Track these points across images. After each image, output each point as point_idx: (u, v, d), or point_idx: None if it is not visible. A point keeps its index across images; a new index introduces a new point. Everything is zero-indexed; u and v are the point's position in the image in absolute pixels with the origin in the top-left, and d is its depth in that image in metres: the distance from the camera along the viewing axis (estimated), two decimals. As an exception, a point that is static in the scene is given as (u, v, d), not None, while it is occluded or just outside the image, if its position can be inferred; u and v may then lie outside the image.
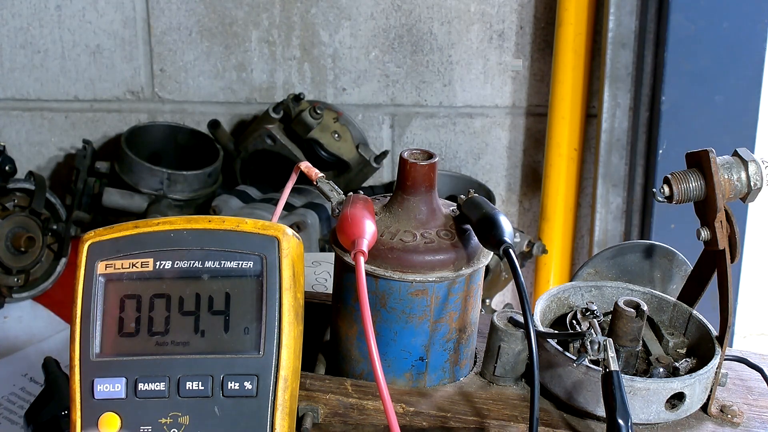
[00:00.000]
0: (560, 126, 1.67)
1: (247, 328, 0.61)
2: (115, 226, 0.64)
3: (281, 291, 0.62)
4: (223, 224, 0.63)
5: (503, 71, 1.72)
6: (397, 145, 1.77)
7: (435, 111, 1.74)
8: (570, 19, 1.61)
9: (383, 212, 0.72)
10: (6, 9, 1.68)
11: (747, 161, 0.70)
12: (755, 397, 0.75)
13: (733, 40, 1.54)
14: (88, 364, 0.61)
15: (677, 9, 1.52)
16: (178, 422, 0.61)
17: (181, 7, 1.68)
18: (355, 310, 0.71)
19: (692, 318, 0.76)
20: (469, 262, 0.70)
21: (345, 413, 0.70)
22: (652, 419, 0.69)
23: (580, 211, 1.77)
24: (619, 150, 1.67)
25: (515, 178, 1.80)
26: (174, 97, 1.75)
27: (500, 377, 0.73)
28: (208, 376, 0.61)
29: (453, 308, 0.71)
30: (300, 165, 0.76)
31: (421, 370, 0.72)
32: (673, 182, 0.70)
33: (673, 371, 0.72)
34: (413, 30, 1.69)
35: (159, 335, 0.62)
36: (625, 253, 0.82)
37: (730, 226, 0.70)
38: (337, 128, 1.61)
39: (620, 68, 1.62)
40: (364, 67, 1.71)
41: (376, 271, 0.69)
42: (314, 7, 1.68)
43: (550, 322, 0.77)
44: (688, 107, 1.58)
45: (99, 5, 1.68)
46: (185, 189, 1.56)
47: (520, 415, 0.70)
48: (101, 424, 0.60)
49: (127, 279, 0.62)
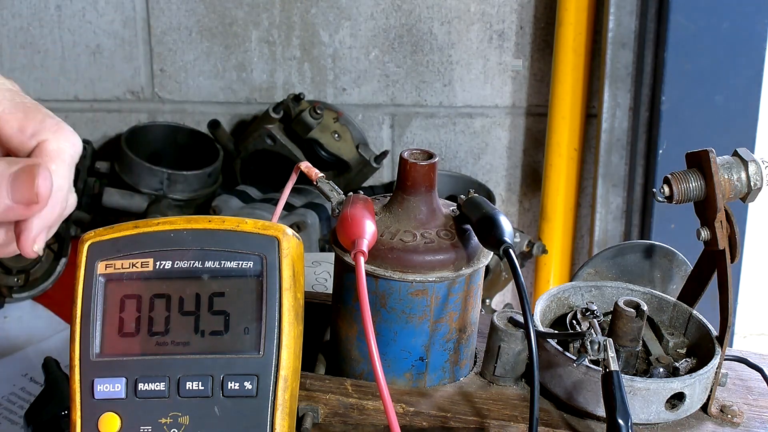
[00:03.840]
0: (560, 126, 1.67)
1: (247, 328, 0.61)
2: (115, 226, 0.64)
3: (281, 291, 0.62)
4: (223, 224, 0.63)
5: (503, 71, 1.72)
6: (397, 145, 1.77)
7: (435, 111, 1.74)
8: (570, 19, 1.61)
9: (383, 212, 0.72)
10: (6, 9, 1.68)
11: (747, 161, 0.70)
12: (755, 397, 0.75)
13: (733, 40, 1.54)
14: (88, 364, 0.61)
15: (677, 9, 1.52)
16: (178, 422, 0.61)
17: (181, 7, 1.68)
18: (355, 310, 0.71)
19: (692, 318, 0.76)
20: (469, 262, 0.70)
21: (345, 413, 0.70)
22: (652, 419, 0.69)
23: (580, 211, 1.77)
24: (619, 150, 1.67)
25: (515, 178, 1.80)
26: (174, 97, 1.75)
27: (500, 377, 0.73)
28: (208, 376, 0.61)
29: (453, 308, 0.71)
30: (300, 165, 0.76)
31: (421, 370, 0.72)
32: (673, 182, 0.70)
33: (673, 371, 0.72)
34: (413, 30, 1.69)
35: (159, 335, 0.62)
36: (625, 253, 0.82)
37: (730, 226, 0.70)
38: (337, 128, 1.61)
39: (620, 68, 1.62)
40: (364, 67, 1.72)
41: (376, 271, 0.69)
42: (314, 7, 1.68)
43: (550, 322, 0.77)
44: (688, 107, 1.58)
45: (99, 5, 1.68)
46: (185, 189, 1.56)
47: (520, 415, 0.70)
48: (101, 424, 0.60)
49: (127, 279, 0.62)
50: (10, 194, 0.56)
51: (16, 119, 0.59)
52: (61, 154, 0.59)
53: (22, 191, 0.56)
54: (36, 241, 0.59)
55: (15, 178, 0.56)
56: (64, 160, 0.59)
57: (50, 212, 0.58)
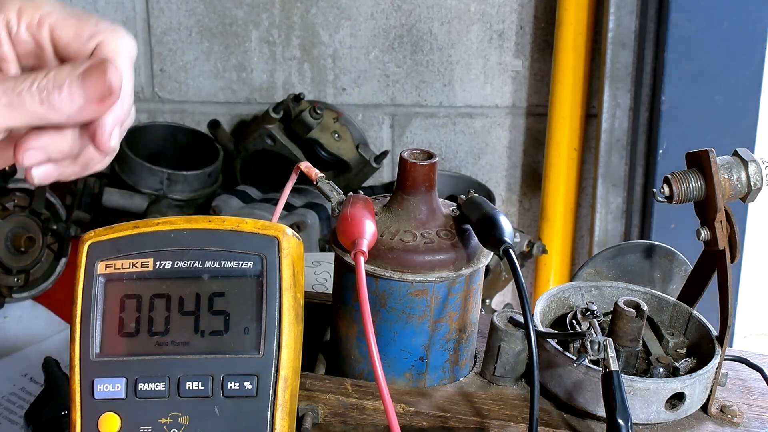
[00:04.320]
0: (560, 126, 1.67)
1: (247, 328, 0.61)
2: (115, 226, 0.64)
3: (281, 291, 0.62)
4: (223, 224, 0.63)
5: (503, 71, 1.72)
6: (397, 145, 1.77)
7: (435, 111, 1.74)
8: (570, 19, 1.61)
9: (383, 212, 0.73)
10: (6, 9, 1.67)
11: (747, 161, 0.70)
12: (755, 397, 0.75)
13: (733, 40, 1.54)
14: (88, 364, 0.61)
15: (677, 9, 1.52)
16: (178, 422, 0.61)
17: (181, 7, 1.68)
18: (355, 310, 0.71)
19: (692, 318, 0.76)
20: (469, 262, 0.70)
21: (345, 413, 0.70)
22: (652, 419, 0.69)
23: (580, 211, 1.77)
24: (619, 150, 1.67)
25: (515, 178, 1.80)
26: (174, 97, 1.75)
27: (500, 377, 0.73)
28: (208, 376, 0.61)
29: (453, 308, 0.71)
30: (300, 165, 0.76)
31: (421, 370, 0.72)
32: (673, 182, 0.70)
33: (673, 371, 0.72)
34: (413, 30, 1.69)
35: (159, 335, 0.62)
36: (625, 253, 0.82)
37: (730, 226, 0.70)
38: (337, 128, 1.61)
39: (620, 68, 1.62)
40: (364, 67, 1.72)
41: (376, 271, 0.69)
42: (314, 7, 1.68)
43: (550, 322, 0.77)
44: (688, 107, 1.58)
45: (99, 5, 1.68)
46: (185, 189, 1.56)
47: (520, 415, 0.70)
48: (101, 424, 0.60)
49: (127, 279, 0.62)
50: (82, 92, 0.56)
51: (71, 25, 0.59)
52: (122, 52, 0.60)
53: (94, 87, 0.56)
54: (111, 136, 0.59)
55: (85, 75, 0.56)
56: (125, 58, 0.60)
57: (121, 107, 0.59)
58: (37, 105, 0.56)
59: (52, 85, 0.56)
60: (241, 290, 0.62)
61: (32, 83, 0.56)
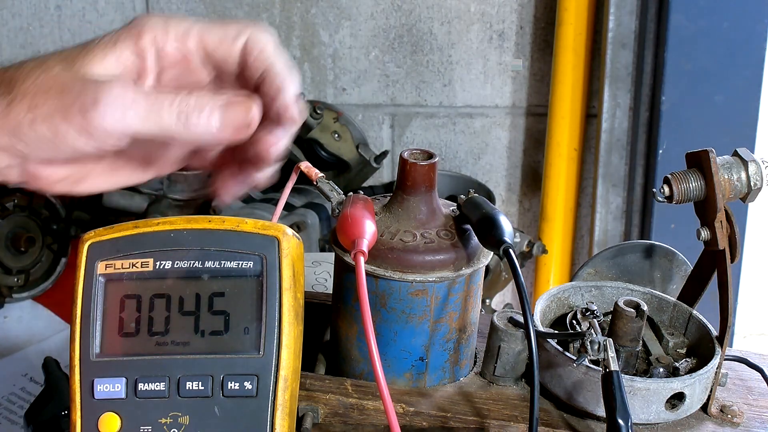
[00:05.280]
0: (560, 126, 1.67)
1: (247, 328, 0.61)
2: (115, 226, 0.64)
3: (281, 291, 0.62)
4: (223, 224, 0.63)
5: (503, 71, 1.72)
6: (397, 145, 1.77)
7: (435, 111, 1.75)
8: (570, 19, 1.61)
9: (383, 212, 0.72)
10: (6, 9, 1.68)
11: (747, 161, 0.70)
12: (755, 397, 0.75)
13: (733, 40, 1.54)
14: (88, 364, 0.61)
15: (677, 9, 1.52)
16: (178, 422, 0.61)
17: (181, 7, 1.68)
18: (355, 310, 0.71)
19: (692, 318, 0.76)
20: (469, 262, 0.70)
21: (345, 413, 0.70)
22: (652, 419, 0.69)
23: (580, 211, 1.77)
24: (619, 150, 1.67)
25: (515, 178, 1.80)
26: (174, 97, 1.74)
27: (500, 377, 0.73)
28: (208, 376, 0.61)
29: (453, 308, 0.71)
30: (300, 165, 0.76)
31: (421, 370, 0.72)
32: (673, 182, 0.70)
33: (673, 371, 0.72)
34: (413, 30, 1.69)
35: (159, 335, 0.62)
36: (625, 253, 0.82)
37: (730, 226, 0.70)
38: (337, 128, 1.61)
39: (620, 68, 1.62)
40: (364, 67, 1.72)
41: (376, 271, 0.69)
42: (314, 7, 1.68)
43: (550, 322, 0.77)
44: (688, 107, 1.58)
45: (99, 5, 1.68)
46: (185, 189, 1.56)
47: (520, 415, 0.70)
48: (101, 424, 0.60)
49: (127, 279, 0.62)
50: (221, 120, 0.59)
51: (216, 30, 0.63)
52: (269, 43, 0.63)
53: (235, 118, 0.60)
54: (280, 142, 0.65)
55: (229, 106, 0.60)
56: (274, 48, 0.63)
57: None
58: (173, 119, 0.58)
59: (193, 106, 0.58)
60: (241, 290, 0.62)
61: (174, 98, 0.58)
